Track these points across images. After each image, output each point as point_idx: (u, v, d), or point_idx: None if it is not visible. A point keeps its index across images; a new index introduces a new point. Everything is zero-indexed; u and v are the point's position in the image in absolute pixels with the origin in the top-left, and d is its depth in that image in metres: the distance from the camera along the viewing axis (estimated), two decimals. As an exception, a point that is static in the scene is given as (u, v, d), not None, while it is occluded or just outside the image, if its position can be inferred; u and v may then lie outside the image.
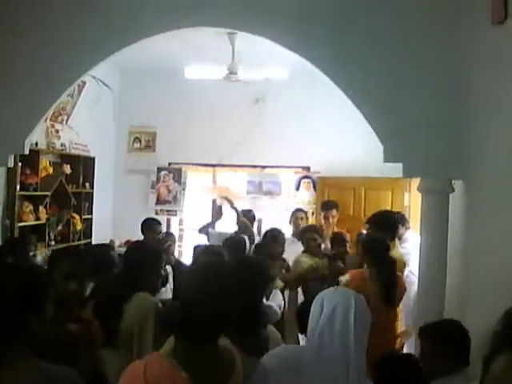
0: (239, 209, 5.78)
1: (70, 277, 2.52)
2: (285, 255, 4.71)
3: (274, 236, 4.70)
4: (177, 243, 5.85)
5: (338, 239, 4.81)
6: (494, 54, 2.96)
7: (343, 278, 3.70)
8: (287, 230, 5.58)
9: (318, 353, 1.97)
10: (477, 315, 2.74)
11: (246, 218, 5.61)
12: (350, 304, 2.00)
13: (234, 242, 4.36)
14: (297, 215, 5.74)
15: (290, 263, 4.67)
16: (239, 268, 2.42)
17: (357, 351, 1.96)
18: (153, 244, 4.10)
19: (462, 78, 3.36)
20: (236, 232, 5.28)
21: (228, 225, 5.81)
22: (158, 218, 6.96)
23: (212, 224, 5.86)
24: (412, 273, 4.23)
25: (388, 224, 4.45)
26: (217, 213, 5.93)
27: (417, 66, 3.48)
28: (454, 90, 3.39)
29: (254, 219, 5.89)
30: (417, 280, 3.80)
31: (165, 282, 3.92)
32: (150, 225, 5.20)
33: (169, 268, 4.35)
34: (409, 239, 4.79)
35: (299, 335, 4.47)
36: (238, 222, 5.48)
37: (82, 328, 2.43)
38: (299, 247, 5.04)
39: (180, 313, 1.71)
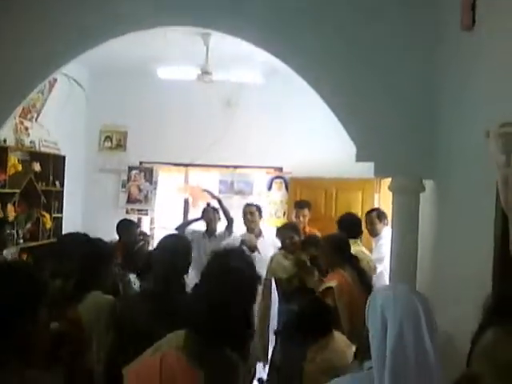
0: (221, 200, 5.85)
1: (56, 275, 2.47)
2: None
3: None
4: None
5: (309, 242, 4.80)
6: (463, 57, 3.05)
7: (332, 284, 3.60)
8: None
9: (395, 378, 1.56)
10: (446, 310, 2.81)
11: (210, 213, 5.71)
12: (418, 317, 1.59)
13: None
14: (245, 210, 5.72)
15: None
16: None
17: (436, 364, 1.58)
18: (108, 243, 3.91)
19: (433, 79, 3.45)
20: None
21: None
22: (129, 217, 6.96)
23: (190, 223, 5.89)
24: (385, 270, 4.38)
25: (351, 225, 4.61)
26: (205, 214, 5.86)
27: (389, 67, 3.55)
28: (425, 90, 3.48)
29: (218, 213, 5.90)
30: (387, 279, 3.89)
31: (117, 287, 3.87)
32: (125, 226, 5.17)
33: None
34: (384, 237, 4.94)
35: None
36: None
37: (67, 326, 2.39)
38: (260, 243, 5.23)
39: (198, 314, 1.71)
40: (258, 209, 5.74)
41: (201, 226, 5.88)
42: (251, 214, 5.60)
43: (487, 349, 0.88)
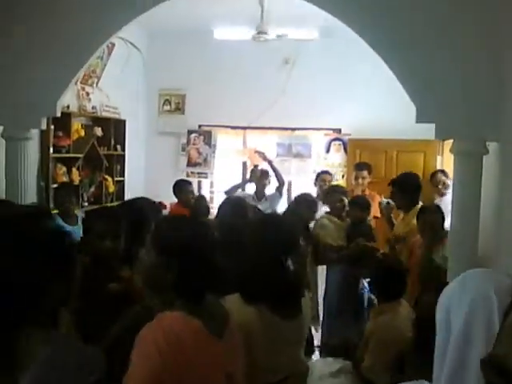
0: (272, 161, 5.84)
1: (105, 236, 2.55)
2: None
3: (310, 203, 4.59)
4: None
5: (355, 203, 4.65)
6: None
7: None
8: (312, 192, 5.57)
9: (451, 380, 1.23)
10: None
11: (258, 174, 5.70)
12: (490, 304, 1.16)
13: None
14: (323, 178, 5.64)
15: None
16: (257, 225, 2.42)
17: None
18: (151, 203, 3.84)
19: (498, 34, 3.23)
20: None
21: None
22: (189, 180, 7.07)
23: (241, 186, 5.89)
24: None
25: (412, 187, 4.38)
26: (253, 176, 5.86)
27: (451, 23, 3.35)
28: (489, 46, 3.26)
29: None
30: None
31: None
32: (180, 186, 5.34)
33: None
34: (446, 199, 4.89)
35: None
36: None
37: (122, 286, 2.48)
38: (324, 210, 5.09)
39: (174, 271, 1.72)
40: (332, 177, 5.81)
41: (250, 189, 5.89)
42: (329, 181, 5.58)
43: None
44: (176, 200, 5.44)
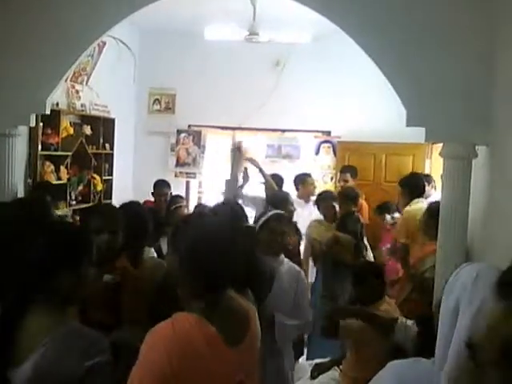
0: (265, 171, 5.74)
1: (102, 231, 2.56)
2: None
3: (282, 200, 4.63)
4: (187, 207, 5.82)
5: (346, 195, 4.76)
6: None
7: None
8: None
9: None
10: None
11: (274, 181, 5.58)
12: None
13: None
14: (308, 181, 5.67)
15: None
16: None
17: None
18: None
19: (489, 39, 3.26)
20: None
21: (256, 188, 5.76)
22: (178, 180, 7.06)
23: (241, 187, 5.86)
24: None
25: (419, 186, 4.58)
26: (244, 176, 5.86)
27: (443, 28, 3.38)
28: (481, 50, 3.29)
29: (282, 183, 5.71)
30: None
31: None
32: (158, 186, 5.37)
33: None
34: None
35: None
36: (266, 185, 5.42)
37: (118, 276, 2.49)
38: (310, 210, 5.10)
39: (187, 271, 1.69)
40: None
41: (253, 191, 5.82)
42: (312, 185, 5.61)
43: (491, 327, 0.88)
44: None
